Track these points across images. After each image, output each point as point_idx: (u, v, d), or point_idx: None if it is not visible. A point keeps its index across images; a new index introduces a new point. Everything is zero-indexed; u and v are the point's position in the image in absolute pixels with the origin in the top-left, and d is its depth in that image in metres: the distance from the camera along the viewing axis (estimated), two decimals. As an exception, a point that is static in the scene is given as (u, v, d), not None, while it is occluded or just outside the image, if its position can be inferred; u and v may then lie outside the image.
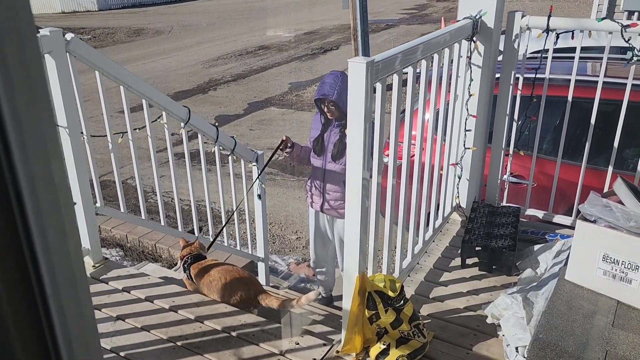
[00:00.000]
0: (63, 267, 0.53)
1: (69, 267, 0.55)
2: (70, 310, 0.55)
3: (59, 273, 0.53)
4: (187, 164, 3.09)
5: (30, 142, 0.47)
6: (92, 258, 2.67)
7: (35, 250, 0.49)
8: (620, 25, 2.33)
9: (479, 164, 2.94)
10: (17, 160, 0.46)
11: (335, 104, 3.05)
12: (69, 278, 0.55)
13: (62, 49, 2.26)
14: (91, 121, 3.39)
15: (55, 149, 0.51)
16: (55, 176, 0.51)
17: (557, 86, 2.99)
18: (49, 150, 0.50)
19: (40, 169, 0.49)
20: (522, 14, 2.61)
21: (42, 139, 0.49)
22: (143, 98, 2.69)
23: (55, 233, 0.52)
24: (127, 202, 2.91)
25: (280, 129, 8.37)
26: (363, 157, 1.80)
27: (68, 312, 0.54)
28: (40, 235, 0.50)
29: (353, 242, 1.96)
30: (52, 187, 0.51)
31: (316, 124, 3.34)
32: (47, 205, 0.50)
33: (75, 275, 0.56)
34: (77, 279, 0.57)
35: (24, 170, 0.47)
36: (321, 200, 3.30)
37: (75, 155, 2.42)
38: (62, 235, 0.52)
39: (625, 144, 3.02)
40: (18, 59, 0.44)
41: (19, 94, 0.45)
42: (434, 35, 2.22)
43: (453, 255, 2.70)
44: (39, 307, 0.51)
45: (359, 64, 1.66)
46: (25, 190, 0.47)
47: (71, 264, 0.55)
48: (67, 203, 0.53)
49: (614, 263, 1.87)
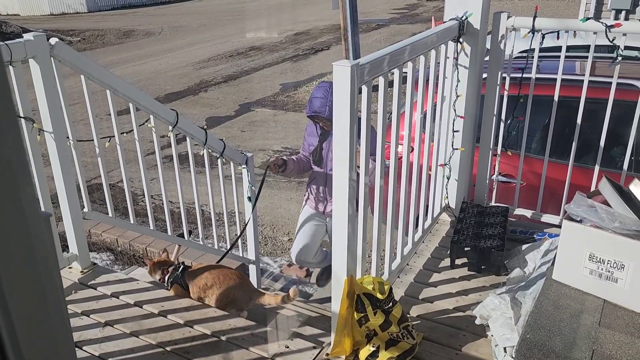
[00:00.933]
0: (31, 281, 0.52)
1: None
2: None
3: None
4: (176, 166, 3.08)
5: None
6: (80, 264, 2.65)
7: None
8: (605, 26, 2.35)
9: (468, 165, 2.95)
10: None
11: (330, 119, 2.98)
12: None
13: (47, 53, 2.25)
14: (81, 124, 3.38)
15: (20, 156, 0.49)
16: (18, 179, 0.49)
17: (544, 85, 3.01)
18: (11, 157, 0.48)
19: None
20: (507, 14, 2.62)
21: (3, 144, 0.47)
22: (129, 102, 2.68)
23: (19, 252, 0.50)
24: (116, 205, 2.90)
25: (272, 130, 8.36)
26: (349, 158, 1.80)
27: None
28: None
29: (341, 243, 1.96)
30: (14, 194, 0.49)
31: (312, 134, 3.30)
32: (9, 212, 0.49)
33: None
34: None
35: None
36: (325, 204, 3.29)
37: (61, 160, 2.41)
38: (29, 252, 0.51)
39: (612, 143, 3.04)
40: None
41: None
42: (420, 37, 2.22)
43: (442, 255, 2.70)
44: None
45: (343, 68, 1.66)
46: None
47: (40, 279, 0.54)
48: (32, 212, 0.52)
49: (600, 262, 1.88)
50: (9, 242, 0.49)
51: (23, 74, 2.21)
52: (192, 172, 3.20)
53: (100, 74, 2.49)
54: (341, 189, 1.86)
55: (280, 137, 7.98)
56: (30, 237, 0.52)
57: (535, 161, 3.30)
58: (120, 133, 2.74)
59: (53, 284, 0.58)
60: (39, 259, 0.54)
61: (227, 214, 3.64)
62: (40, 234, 0.54)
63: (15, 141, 0.49)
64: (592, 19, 2.41)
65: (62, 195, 2.47)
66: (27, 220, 0.51)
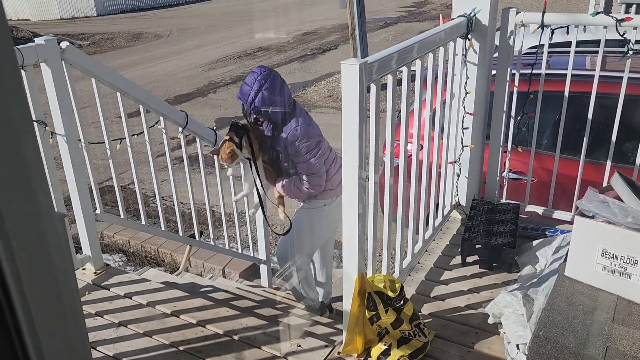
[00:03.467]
0: (44, 287, 0.52)
1: (54, 286, 0.54)
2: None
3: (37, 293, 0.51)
4: (186, 168, 3.09)
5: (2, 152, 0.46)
6: (93, 265, 2.68)
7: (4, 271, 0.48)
8: (615, 20, 2.33)
9: (478, 162, 2.94)
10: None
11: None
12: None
13: (58, 57, 2.27)
14: (92, 127, 3.40)
15: (35, 160, 0.50)
16: (34, 184, 0.50)
17: (554, 81, 2.99)
18: (27, 162, 0.49)
19: (19, 186, 0.48)
20: (516, 10, 2.61)
21: (18, 148, 0.48)
22: (140, 104, 2.70)
23: (35, 254, 0.51)
24: (128, 207, 2.92)
25: (281, 130, 8.37)
26: (359, 157, 1.81)
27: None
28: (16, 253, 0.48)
29: (352, 242, 1.96)
30: (30, 196, 0.50)
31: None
32: (25, 215, 0.49)
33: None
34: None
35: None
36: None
37: (73, 162, 2.43)
38: (44, 253, 0.52)
39: (624, 138, 3.01)
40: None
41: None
42: (428, 34, 2.22)
43: (453, 253, 2.69)
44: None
45: (352, 66, 1.67)
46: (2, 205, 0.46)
47: (57, 283, 0.54)
48: (47, 212, 0.53)
49: (612, 258, 1.87)
50: (27, 243, 0.50)
51: (34, 78, 2.24)
52: (202, 173, 3.22)
53: (110, 77, 2.51)
54: (351, 188, 1.86)
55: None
56: (45, 237, 0.53)
57: (545, 157, 3.28)
58: (131, 135, 2.76)
59: (69, 284, 0.59)
60: (55, 260, 0.55)
61: (238, 214, 3.65)
62: (55, 234, 0.55)
63: (30, 144, 0.50)
64: (602, 13, 2.39)
65: (75, 198, 2.50)
66: (43, 221, 0.52)
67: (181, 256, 4.32)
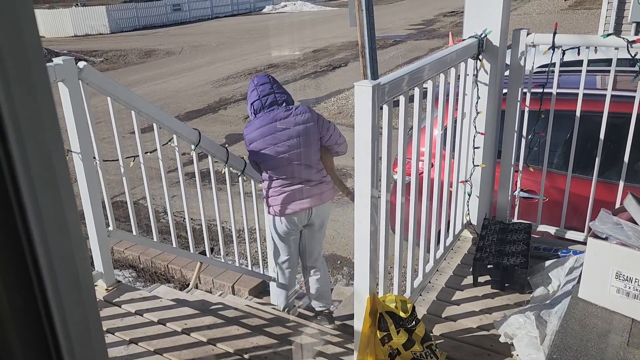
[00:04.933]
0: (72, 298, 0.54)
1: (79, 296, 0.56)
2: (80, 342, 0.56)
3: (67, 304, 0.53)
4: (198, 184, 3.12)
5: (37, 172, 0.47)
6: (105, 281, 2.69)
7: (44, 283, 0.50)
8: (626, 41, 2.34)
9: (489, 181, 2.93)
10: (25, 193, 0.46)
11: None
12: (78, 306, 0.55)
13: (75, 76, 2.32)
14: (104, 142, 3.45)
15: (65, 178, 0.52)
16: (65, 209, 0.52)
17: (565, 100, 2.99)
18: (58, 180, 0.50)
19: (50, 203, 0.50)
20: (527, 31, 2.62)
21: (51, 167, 0.49)
22: (153, 122, 2.73)
23: (65, 268, 0.52)
24: (139, 222, 2.94)
25: (290, 146, 8.41)
26: (371, 176, 1.82)
27: (77, 344, 0.55)
28: (49, 268, 0.50)
29: (363, 261, 1.96)
30: (62, 221, 0.52)
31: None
32: (56, 239, 0.51)
33: (86, 306, 0.57)
34: (87, 311, 0.57)
35: (32, 205, 0.48)
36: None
37: (88, 179, 2.46)
38: (72, 268, 0.53)
39: (635, 157, 3.00)
40: (25, 89, 0.45)
41: (24, 122, 0.45)
42: (440, 55, 2.24)
43: (465, 273, 2.68)
44: (49, 345, 0.52)
45: (365, 88, 1.69)
46: (34, 227, 0.48)
47: (81, 294, 0.56)
48: (77, 235, 0.54)
49: (627, 281, 1.85)
50: (59, 257, 0.52)
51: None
52: (214, 189, 3.24)
53: (125, 96, 2.55)
54: (363, 207, 1.87)
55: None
56: (74, 254, 0.55)
57: (557, 176, 3.27)
58: (144, 152, 2.80)
59: (92, 301, 0.60)
60: (81, 276, 0.56)
61: (248, 230, 3.66)
62: (82, 252, 0.57)
63: (61, 163, 0.52)
64: (614, 35, 2.40)
65: (89, 214, 2.52)
66: (72, 239, 0.54)
67: (191, 272, 4.33)
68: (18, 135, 0.45)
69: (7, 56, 0.44)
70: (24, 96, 0.46)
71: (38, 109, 0.48)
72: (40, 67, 0.48)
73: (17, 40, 0.45)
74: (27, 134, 0.46)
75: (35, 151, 0.47)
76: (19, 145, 0.46)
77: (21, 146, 0.46)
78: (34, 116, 0.47)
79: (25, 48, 0.46)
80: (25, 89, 0.46)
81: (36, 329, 0.51)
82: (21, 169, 0.46)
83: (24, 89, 0.46)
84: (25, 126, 0.46)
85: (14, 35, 0.44)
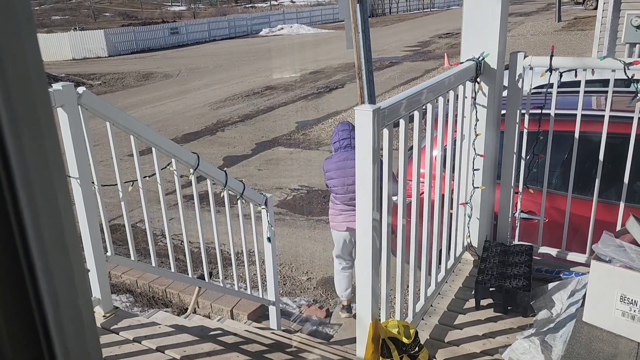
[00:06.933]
0: (73, 324, 0.53)
1: (79, 324, 0.55)
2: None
3: (68, 332, 0.52)
4: (197, 206, 3.09)
5: (40, 201, 0.47)
6: (102, 308, 2.65)
7: (45, 311, 0.49)
8: (623, 64, 2.36)
9: (489, 203, 2.93)
10: (27, 222, 0.46)
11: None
12: (79, 335, 0.54)
13: (74, 102, 2.32)
14: (101, 165, 3.45)
15: (67, 207, 0.51)
16: (66, 236, 0.51)
17: (562, 121, 3.01)
18: (61, 210, 0.50)
19: (52, 231, 0.49)
20: (524, 54, 2.65)
21: (53, 197, 0.49)
22: (152, 146, 2.73)
23: (66, 295, 0.52)
24: (137, 245, 2.91)
25: (289, 168, 8.43)
26: (372, 198, 1.81)
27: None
28: (50, 295, 0.49)
29: (365, 286, 1.94)
30: (63, 248, 0.51)
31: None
32: (58, 265, 0.50)
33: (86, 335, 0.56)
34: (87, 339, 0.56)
35: (35, 232, 0.47)
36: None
37: (86, 205, 2.44)
38: (73, 293, 0.52)
39: (633, 177, 3.01)
40: (29, 119, 0.45)
41: (29, 153, 0.45)
42: (438, 79, 2.25)
43: (467, 296, 2.65)
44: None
45: (365, 112, 1.69)
46: (35, 250, 0.47)
47: (82, 322, 0.55)
48: (78, 261, 0.53)
49: (632, 304, 1.83)
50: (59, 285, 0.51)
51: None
52: (212, 212, 3.22)
53: (125, 121, 2.55)
54: (365, 230, 1.86)
55: (296, 175, 8.03)
56: (74, 280, 0.54)
57: (556, 197, 3.27)
58: (143, 177, 2.78)
59: (92, 329, 0.59)
60: (82, 304, 0.55)
61: (247, 253, 3.63)
62: (84, 282, 0.56)
63: (62, 187, 0.51)
64: (610, 58, 2.42)
65: (87, 240, 2.50)
66: (73, 265, 0.53)
67: (189, 296, 4.28)
68: (20, 159, 0.45)
69: (12, 82, 0.44)
70: (27, 120, 0.45)
71: (40, 132, 0.48)
72: (43, 93, 0.48)
73: (22, 68, 0.45)
74: (30, 158, 0.46)
75: (37, 176, 0.47)
76: (22, 171, 0.45)
77: (24, 170, 0.45)
78: (36, 140, 0.47)
79: (30, 77, 0.46)
80: (28, 114, 0.46)
81: (36, 357, 0.50)
82: (23, 194, 0.46)
83: (27, 114, 0.45)
84: (28, 151, 0.46)
85: (20, 64, 0.44)
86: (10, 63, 0.43)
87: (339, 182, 3.91)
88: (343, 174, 3.90)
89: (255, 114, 12.31)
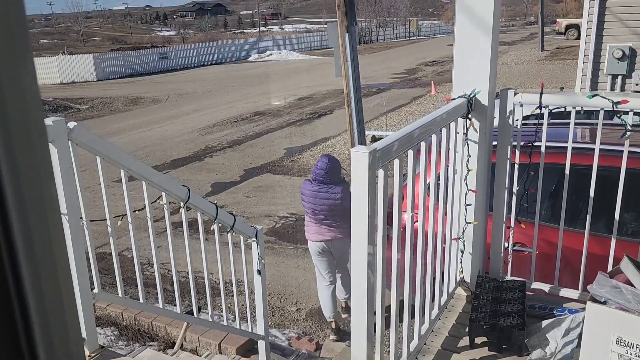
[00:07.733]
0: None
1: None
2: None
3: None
4: (186, 237, 3.02)
5: (35, 236, 0.46)
6: (87, 347, 2.58)
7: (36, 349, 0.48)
8: (611, 102, 2.39)
9: (481, 238, 2.92)
10: (22, 259, 0.45)
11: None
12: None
13: (65, 137, 2.28)
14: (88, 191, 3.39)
15: (60, 244, 0.50)
16: (59, 275, 0.50)
17: (550, 153, 3.03)
18: (54, 247, 0.49)
19: (45, 269, 0.48)
20: (514, 91, 2.68)
21: (47, 233, 0.48)
22: (143, 180, 2.70)
23: (58, 331, 0.51)
24: (122, 274, 2.84)
25: (277, 195, 8.39)
26: (368, 235, 1.81)
27: None
28: (43, 333, 0.48)
29: (360, 325, 1.91)
30: (56, 287, 0.50)
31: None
32: (51, 305, 0.49)
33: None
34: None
35: (28, 270, 0.46)
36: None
37: (74, 241, 2.39)
38: (64, 331, 0.51)
39: (626, 211, 3.03)
40: (26, 156, 0.45)
41: (27, 189, 0.45)
42: (430, 117, 2.27)
43: (461, 334, 2.62)
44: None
45: (362, 154, 1.69)
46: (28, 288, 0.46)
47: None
48: (70, 302, 0.52)
49: (628, 347, 1.82)
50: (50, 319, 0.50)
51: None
52: (202, 242, 3.15)
53: (115, 155, 2.52)
54: (359, 265, 1.84)
55: (286, 202, 8.00)
56: (65, 316, 0.53)
57: (545, 229, 3.27)
58: (133, 211, 2.74)
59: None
60: (72, 342, 0.54)
61: (236, 283, 3.56)
62: (74, 317, 0.56)
63: (58, 235, 0.51)
64: (599, 96, 2.46)
65: (74, 277, 2.44)
66: (64, 300, 0.53)
67: (176, 329, 4.19)
68: (18, 196, 0.44)
69: (10, 115, 0.43)
70: (24, 156, 0.45)
71: (37, 169, 0.47)
72: (39, 125, 0.47)
73: (20, 102, 0.43)
74: (27, 196, 0.45)
75: (34, 215, 0.46)
76: (19, 211, 0.44)
77: (21, 210, 0.45)
78: (32, 177, 0.46)
79: (27, 109, 0.45)
80: (25, 150, 0.45)
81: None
82: (19, 232, 0.45)
83: (25, 150, 0.45)
84: (25, 188, 0.45)
85: (17, 97, 0.43)
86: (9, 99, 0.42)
87: (309, 207, 4.44)
88: (314, 202, 4.39)
89: (244, 139, 12.31)
